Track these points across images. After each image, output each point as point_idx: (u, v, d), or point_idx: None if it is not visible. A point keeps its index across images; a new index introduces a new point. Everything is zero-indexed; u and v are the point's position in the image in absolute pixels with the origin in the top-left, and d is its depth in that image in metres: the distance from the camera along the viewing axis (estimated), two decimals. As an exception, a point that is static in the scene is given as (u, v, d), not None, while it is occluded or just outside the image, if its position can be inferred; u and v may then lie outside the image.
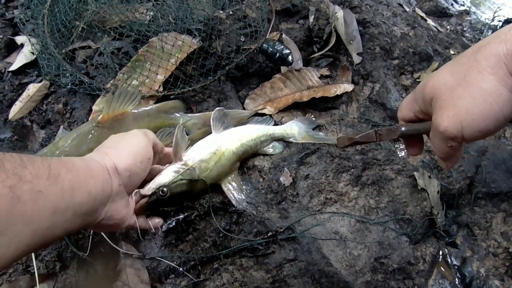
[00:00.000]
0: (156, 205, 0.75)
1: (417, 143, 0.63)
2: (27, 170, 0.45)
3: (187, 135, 0.96)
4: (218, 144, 0.87)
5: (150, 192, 0.73)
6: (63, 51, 1.07)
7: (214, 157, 0.85)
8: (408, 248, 0.96)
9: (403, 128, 0.59)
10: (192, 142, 0.89)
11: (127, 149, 0.66)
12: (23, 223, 0.44)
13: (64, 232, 0.52)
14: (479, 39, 1.68)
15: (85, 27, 1.08)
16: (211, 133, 0.92)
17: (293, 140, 1.01)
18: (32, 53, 1.12)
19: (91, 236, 0.89)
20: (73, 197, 0.51)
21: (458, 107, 0.48)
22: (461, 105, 0.48)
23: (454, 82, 0.49)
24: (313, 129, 1.05)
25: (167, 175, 0.77)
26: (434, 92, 0.52)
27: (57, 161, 0.51)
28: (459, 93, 0.48)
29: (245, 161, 0.97)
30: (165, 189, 0.74)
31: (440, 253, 1.02)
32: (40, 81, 1.08)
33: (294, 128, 1.02)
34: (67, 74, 1.03)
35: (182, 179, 0.78)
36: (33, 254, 0.88)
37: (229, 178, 0.90)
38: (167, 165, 0.81)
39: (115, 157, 0.63)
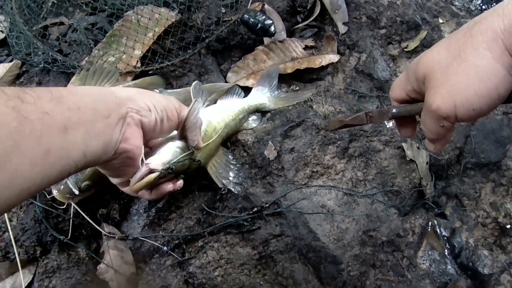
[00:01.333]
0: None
1: (409, 124, 0.61)
2: (28, 94, 0.43)
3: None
4: (204, 125, 0.82)
5: (161, 168, 0.66)
6: (34, 28, 1.02)
7: (205, 138, 0.81)
8: (397, 220, 0.94)
9: (394, 110, 0.57)
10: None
11: (148, 93, 0.63)
12: (34, 140, 0.41)
13: (84, 157, 0.48)
14: (469, 8, 1.65)
15: (55, 1, 1.02)
16: None
17: (269, 108, 0.99)
18: (1, 31, 1.07)
19: (71, 219, 0.86)
20: (82, 116, 0.48)
21: (451, 85, 0.46)
22: (455, 83, 0.46)
23: (449, 58, 0.47)
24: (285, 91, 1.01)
25: (173, 151, 0.70)
26: (427, 70, 0.50)
27: (57, 88, 0.48)
28: (453, 70, 0.46)
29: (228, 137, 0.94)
30: (173, 166, 0.68)
31: (430, 224, 1.01)
32: (11, 61, 1.02)
33: (262, 96, 0.99)
34: (39, 52, 0.98)
35: (187, 158, 0.73)
36: (12, 238, 0.85)
37: (214, 160, 0.86)
38: (169, 138, 0.74)
39: (133, 92, 0.60)
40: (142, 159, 0.62)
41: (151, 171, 0.64)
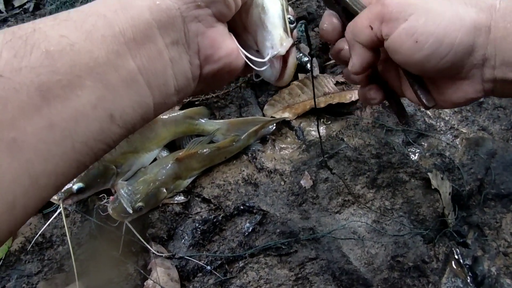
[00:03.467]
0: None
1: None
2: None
3: (213, 141, 1.01)
4: None
5: (291, 41, 0.46)
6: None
7: None
8: (422, 247, 1.01)
9: None
10: (220, 151, 0.96)
11: None
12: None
13: (119, 119, 0.35)
14: None
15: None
16: (237, 141, 0.97)
17: None
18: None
19: (122, 237, 0.94)
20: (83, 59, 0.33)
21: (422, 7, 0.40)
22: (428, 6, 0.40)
23: None
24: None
25: (278, 14, 0.46)
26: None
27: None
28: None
29: (265, 165, 1.02)
30: (303, 22, 0.50)
31: (454, 252, 1.07)
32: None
33: None
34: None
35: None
36: (71, 250, 0.92)
37: None
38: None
39: None
40: (247, 56, 0.44)
41: (285, 56, 0.45)
